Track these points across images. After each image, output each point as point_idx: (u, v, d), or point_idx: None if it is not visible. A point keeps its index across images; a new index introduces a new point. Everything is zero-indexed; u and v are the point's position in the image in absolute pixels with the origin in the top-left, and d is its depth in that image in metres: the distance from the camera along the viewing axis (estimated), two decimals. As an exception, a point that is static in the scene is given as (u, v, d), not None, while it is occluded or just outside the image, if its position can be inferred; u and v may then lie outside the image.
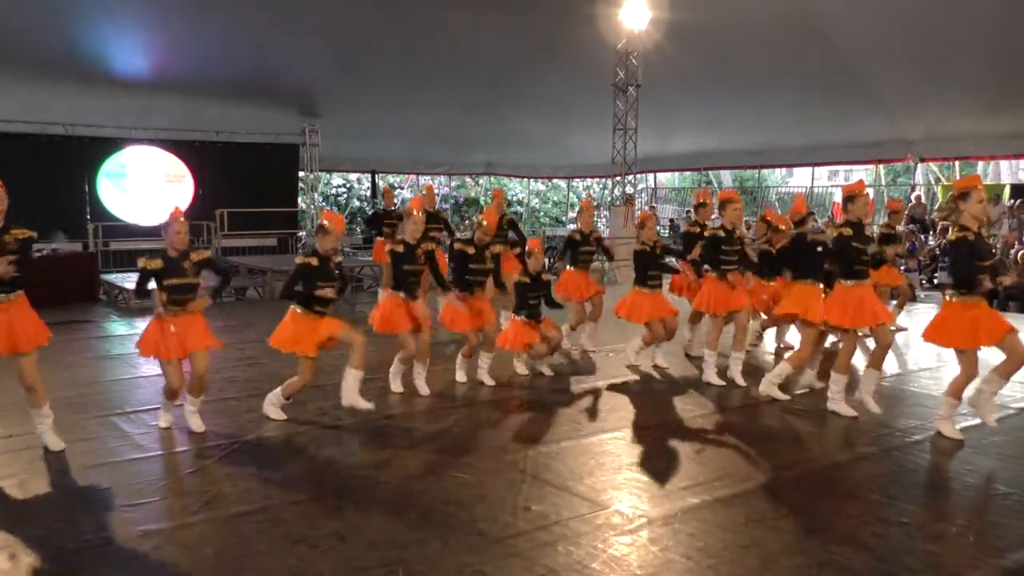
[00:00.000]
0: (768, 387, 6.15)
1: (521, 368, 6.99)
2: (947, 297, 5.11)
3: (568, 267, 7.84)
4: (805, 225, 6.58)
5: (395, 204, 11.07)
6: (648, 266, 7.05)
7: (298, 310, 5.40)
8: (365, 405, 5.57)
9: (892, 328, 7.44)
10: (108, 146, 16.15)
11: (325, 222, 5.53)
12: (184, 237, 5.14)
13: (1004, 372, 4.99)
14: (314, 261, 5.36)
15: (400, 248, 6.16)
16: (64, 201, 15.60)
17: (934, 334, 5.14)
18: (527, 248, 7.07)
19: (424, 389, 6.28)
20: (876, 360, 5.80)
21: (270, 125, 17.18)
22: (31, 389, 4.76)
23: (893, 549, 3.60)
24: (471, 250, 6.45)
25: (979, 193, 4.98)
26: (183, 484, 4.42)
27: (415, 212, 6.26)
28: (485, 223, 6.61)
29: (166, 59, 14.71)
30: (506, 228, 8.83)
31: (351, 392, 5.56)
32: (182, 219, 5.17)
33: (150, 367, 7.01)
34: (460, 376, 6.69)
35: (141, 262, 5.16)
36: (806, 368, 6.58)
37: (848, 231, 5.49)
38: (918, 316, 10.35)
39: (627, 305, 7.09)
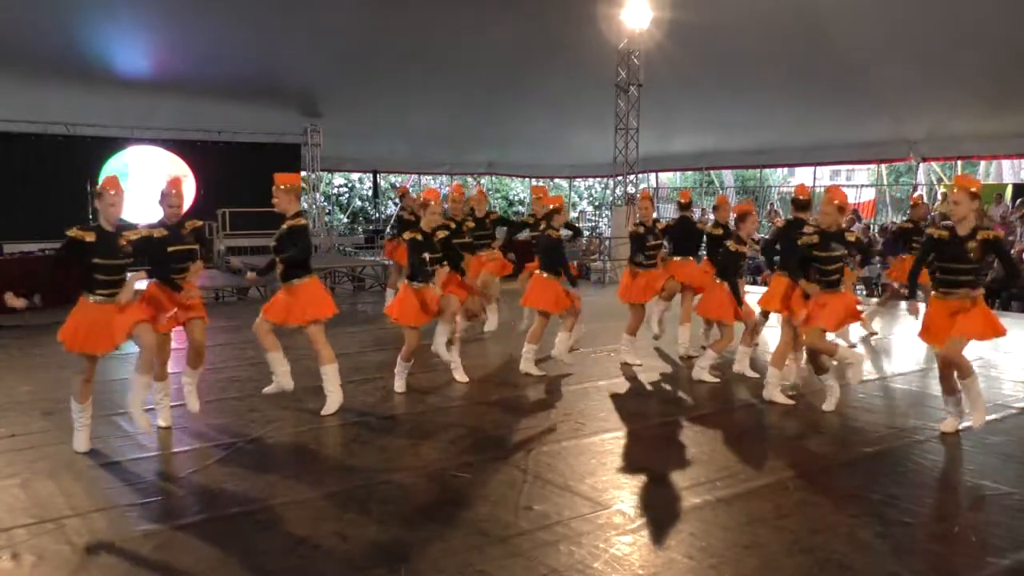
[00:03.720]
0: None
1: (531, 368, 6.91)
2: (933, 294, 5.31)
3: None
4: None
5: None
6: (642, 246, 7.23)
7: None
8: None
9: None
10: (110, 146, 16.13)
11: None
12: (177, 212, 5.30)
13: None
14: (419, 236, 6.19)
15: (419, 236, 6.25)
16: (66, 201, 15.59)
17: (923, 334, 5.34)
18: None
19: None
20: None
21: (272, 125, 17.18)
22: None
23: (895, 549, 3.60)
24: (419, 236, 6.26)
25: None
26: (183, 484, 4.43)
27: (432, 203, 6.37)
28: (432, 203, 6.40)
29: (168, 59, 14.70)
30: (491, 226, 8.61)
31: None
32: (175, 191, 5.30)
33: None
34: (459, 376, 6.65)
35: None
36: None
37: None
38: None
39: (622, 287, 7.37)
